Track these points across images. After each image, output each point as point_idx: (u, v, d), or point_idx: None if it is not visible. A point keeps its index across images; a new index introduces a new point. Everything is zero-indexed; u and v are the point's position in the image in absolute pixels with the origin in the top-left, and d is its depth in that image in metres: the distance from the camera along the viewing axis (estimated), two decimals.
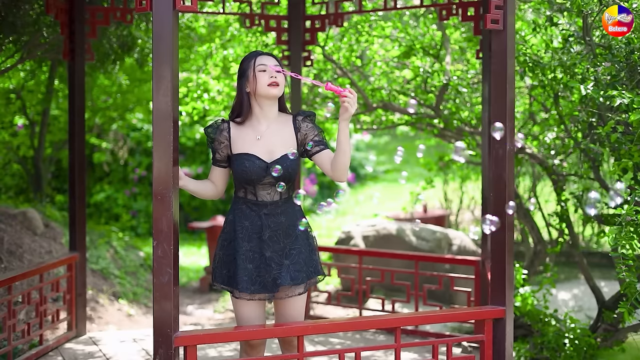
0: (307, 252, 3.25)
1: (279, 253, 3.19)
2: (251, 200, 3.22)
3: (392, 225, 6.79)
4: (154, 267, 2.91)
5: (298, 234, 3.23)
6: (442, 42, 5.71)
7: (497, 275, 3.46)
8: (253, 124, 3.26)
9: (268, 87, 3.18)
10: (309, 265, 3.25)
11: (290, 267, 3.18)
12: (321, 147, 3.24)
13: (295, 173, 3.23)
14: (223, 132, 3.25)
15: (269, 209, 3.20)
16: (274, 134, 3.23)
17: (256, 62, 3.20)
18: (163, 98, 2.89)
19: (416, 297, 5.00)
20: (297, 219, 3.25)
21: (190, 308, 6.95)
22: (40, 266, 4.50)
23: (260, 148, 3.21)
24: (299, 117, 3.28)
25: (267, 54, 3.27)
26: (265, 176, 3.18)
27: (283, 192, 3.23)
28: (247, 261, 3.18)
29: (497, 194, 3.44)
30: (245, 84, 3.23)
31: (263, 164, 3.18)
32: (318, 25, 5.24)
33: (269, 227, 3.19)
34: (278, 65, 3.23)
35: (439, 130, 5.84)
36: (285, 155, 3.20)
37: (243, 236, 3.20)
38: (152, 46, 2.92)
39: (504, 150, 3.41)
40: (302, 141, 3.26)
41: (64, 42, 4.81)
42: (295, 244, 3.21)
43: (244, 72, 3.23)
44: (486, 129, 4.65)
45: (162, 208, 2.90)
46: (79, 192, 4.86)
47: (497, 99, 3.42)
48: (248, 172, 3.16)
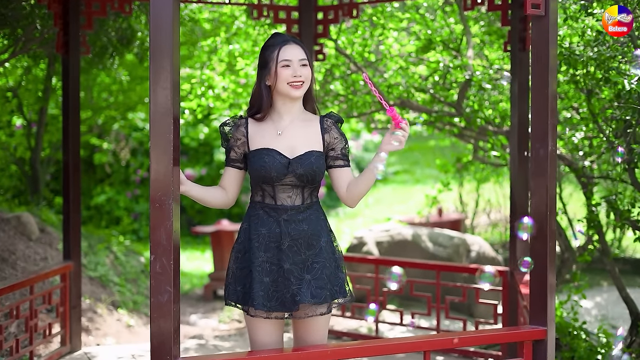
0: (333, 268, 2.84)
1: (299, 266, 2.79)
2: (269, 205, 2.83)
3: (407, 230, 6.42)
4: (151, 285, 2.55)
5: (322, 246, 2.82)
6: (463, 35, 5.33)
7: (537, 292, 3.08)
8: (274, 119, 2.87)
9: (289, 86, 2.79)
10: (334, 283, 2.84)
11: (312, 282, 2.77)
12: (345, 162, 2.87)
13: (321, 174, 2.83)
14: (240, 128, 2.87)
15: (289, 215, 2.80)
16: (297, 130, 2.85)
17: (280, 55, 2.79)
18: (162, 91, 2.52)
19: (437, 309, 4.62)
20: (321, 228, 2.85)
21: (194, 318, 6.58)
22: (31, 277, 4.13)
23: (281, 143, 2.82)
24: (329, 120, 2.89)
25: (294, 41, 2.85)
26: (286, 174, 2.78)
27: (306, 195, 2.84)
28: (264, 274, 2.77)
29: (537, 199, 3.06)
30: (266, 77, 2.84)
31: (284, 159, 2.79)
32: (331, 16, 4.86)
33: (288, 235, 2.79)
34: (305, 60, 2.82)
35: (460, 129, 5.46)
36: (310, 152, 2.81)
37: (259, 245, 2.80)
38: (149, 34, 2.55)
39: (545, 151, 3.03)
40: (330, 145, 2.86)
41: (57, 35, 4.45)
42: (318, 256, 2.81)
43: (266, 63, 2.83)
44: (515, 128, 4.28)
45: (160, 217, 2.53)
46: (74, 196, 4.49)
47: (538, 91, 3.05)
48: (267, 169, 2.77)
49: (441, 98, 5.18)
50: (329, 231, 2.91)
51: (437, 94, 5.28)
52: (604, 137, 4.66)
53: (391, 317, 5.55)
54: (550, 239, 3.06)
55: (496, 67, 5.07)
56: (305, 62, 2.82)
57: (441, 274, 4.86)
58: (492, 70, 5.30)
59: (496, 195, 8.86)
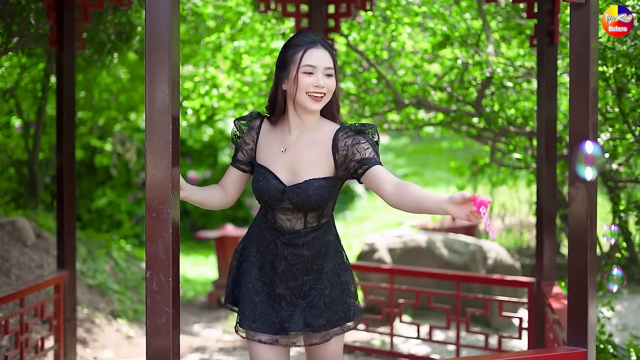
0: (337, 293, 2.54)
1: (293, 291, 2.51)
2: (270, 222, 2.54)
3: (420, 236, 6.11)
4: (147, 305, 2.25)
5: (324, 271, 2.52)
6: (482, 31, 5.02)
7: (576, 309, 2.78)
8: (283, 130, 2.54)
9: (308, 97, 2.44)
10: (337, 309, 2.53)
11: (307, 310, 2.49)
12: (364, 167, 2.44)
13: (323, 203, 2.48)
14: (251, 132, 2.57)
15: (288, 238, 2.51)
16: (303, 150, 2.50)
17: (303, 59, 2.43)
18: (159, 86, 2.22)
19: (457, 322, 4.31)
20: (326, 252, 2.53)
21: (197, 327, 6.27)
22: (21, 289, 3.84)
23: (282, 164, 2.50)
24: (341, 133, 2.49)
25: (323, 44, 2.48)
26: (282, 200, 2.48)
27: (310, 219, 2.51)
28: (253, 292, 2.52)
29: (577, 207, 2.76)
30: (283, 80, 2.49)
31: (280, 186, 2.47)
32: (343, 10, 4.56)
33: (284, 258, 2.50)
34: (332, 69, 2.46)
35: (479, 130, 5.15)
36: (310, 182, 2.45)
37: (255, 261, 2.54)
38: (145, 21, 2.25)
39: None
40: (343, 164, 2.49)
41: (50, 29, 4.16)
42: (317, 282, 2.51)
43: (285, 64, 2.48)
44: (543, 128, 3.97)
45: (157, 228, 2.23)
46: (69, 201, 4.20)
47: (577, 88, 2.75)
48: (262, 193, 2.48)
49: (459, 97, 4.87)
50: (336, 253, 2.59)
51: (454, 92, 4.97)
52: (633, 139, 4.37)
53: (405, 329, 5.24)
54: (591, 251, 2.76)
55: (518, 64, 4.76)
56: (331, 72, 2.47)
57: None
58: (513, 68, 4.99)
59: (510, 199, 8.54)
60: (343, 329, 2.57)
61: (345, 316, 2.56)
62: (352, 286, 2.62)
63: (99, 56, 5.45)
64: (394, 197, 2.35)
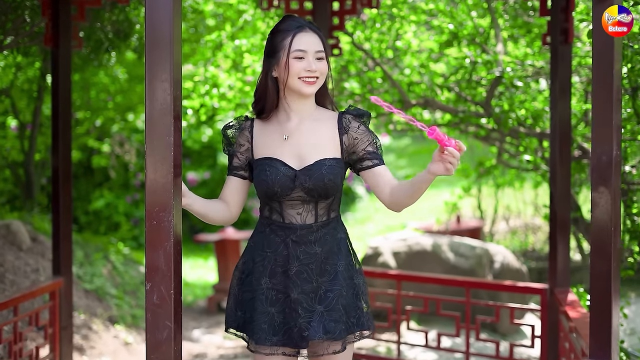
0: (351, 297, 2.40)
1: (309, 295, 2.35)
2: (276, 222, 2.39)
3: (426, 239, 5.97)
4: (147, 319, 2.10)
5: (339, 271, 2.38)
6: (491, 29, 4.88)
7: (599, 320, 2.63)
8: (280, 119, 2.43)
9: (301, 82, 2.35)
10: (351, 314, 2.39)
11: (325, 314, 2.33)
12: (375, 161, 2.40)
13: (335, 186, 2.37)
14: (244, 132, 2.44)
15: (299, 235, 2.36)
16: (306, 133, 2.39)
17: (293, 44, 2.33)
18: (160, 84, 2.08)
19: (467, 330, 4.17)
20: (339, 249, 2.40)
21: (197, 333, 6.13)
22: (14, 297, 3.68)
23: (287, 151, 2.38)
24: (348, 115, 2.42)
25: (311, 27, 2.39)
26: (292, 189, 2.34)
27: (321, 211, 2.39)
28: (268, 303, 2.36)
29: (599, 212, 2.61)
30: (273, 67, 2.39)
31: (290, 171, 2.35)
32: (348, 7, 4.42)
33: (297, 258, 2.35)
34: (323, 52, 2.38)
35: (487, 131, 5.01)
36: (321, 162, 2.35)
37: (264, 269, 2.38)
38: (145, 15, 2.11)
39: (608, 156, 2.59)
40: (350, 148, 2.41)
41: (46, 26, 4.01)
42: (334, 284, 2.36)
43: (274, 51, 2.38)
44: (556, 129, 3.83)
45: (158, 237, 2.09)
46: (64, 205, 4.04)
47: (600, 86, 2.60)
48: (269, 183, 2.34)
49: (468, 97, 4.73)
50: (348, 253, 2.46)
51: (462, 92, 4.83)
52: None
53: (412, 336, 5.09)
54: (615, 259, 2.62)
55: (528, 63, 4.62)
56: (322, 55, 2.38)
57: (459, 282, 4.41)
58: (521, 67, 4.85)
59: (515, 200, 8.41)
60: (357, 337, 2.42)
61: (358, 322, 2.41)
62: (365, 290, 2.48)
63: (96, 55, 5.30)
64: (391, 199, 2.38)
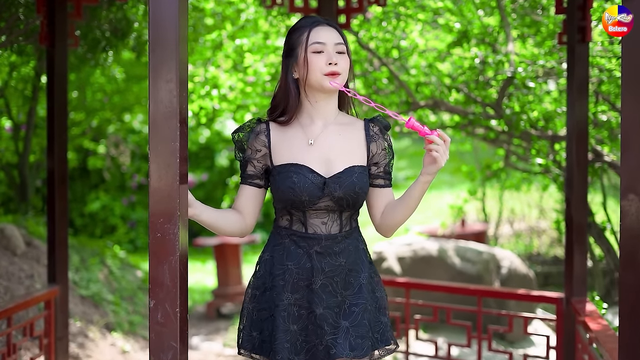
0: (374, 311, 2.26)
1: (334, 310, 2.20)
2: (298, 233, 2.23)
3: (431, 244, 5.81)
4: (151, 339, 1.94)
5: (362, 284, 2.23)
6: (501, 28, 4.73)
7: (629, 334, 2.48)
8: (303, 123, 2.27)
9: (322, 76, 2.20)
10: (375, 329, 2.25)
11: (351, 330, 2.18)
12: (387, 182, 2.31)
13: (364, 195, 2.25)
14: (260, 136, 2.26)
15: (324, 246, 2.21)
16: (334, 137, 2.24)
17: (310, 38, 2.20)
18: (165, 85, 1.92)
19: (479, 340, 4.01)
20: (362, 261, 2.26)
21: (196, 340, 5.96)
22: (8, 307, 3.51)
23: (313, 157, 2.22)
24: (375, 127, 2.30)
25: (327, 22, 2.26)
26: (320, 197, 2.19)
27: (344, 220, 2.24)
28: (291, 320, 2.20)
29: (630, 221, 2.46)
30: (293, 67, 2.25)
31: (318, 179, 2.19)
32: (354, 4, 4.27)
33: (322, 271, 2.20)
34: (343, 44, 2.24)
35: (497, 133, 4.85)
36: (350, 169, 2.21)
37: (285, 284, 2.22)
38: (148, 11, 1.95)
39: (638, 163, 2.44)
40: (373, 159, 2.29)
41: (41, 24, 3.85)
42: (358, 298, 2.22)
43: (292, 49, 2.25)
44: (573, 132, 3.67)
45: (162, 250, 1.93)
46: (60, 210, 3.88)
47: (630, 85, 2.45)
48: (297, 192, 2.18)
49: (478, 98, 4.58)
50: (369, 264, 2.32)
51: (471, 92, 4.68)
52: None
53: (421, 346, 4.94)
54: None
55: (540, 63, 4.47)
56: (342, 49, 2.23)
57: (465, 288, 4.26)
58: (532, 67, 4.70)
59: (520, 203, 8.27)
60: (382, 353, 2.28)
61: (382, 338, 2.27)
62: (386, 304, 2.34)
63: (92, 54, 5.14)
64: (381, 221, 2.30)
